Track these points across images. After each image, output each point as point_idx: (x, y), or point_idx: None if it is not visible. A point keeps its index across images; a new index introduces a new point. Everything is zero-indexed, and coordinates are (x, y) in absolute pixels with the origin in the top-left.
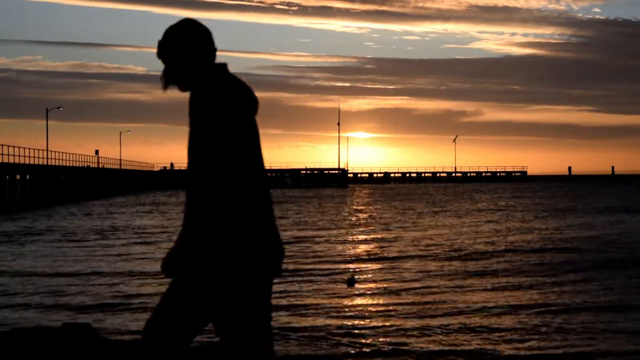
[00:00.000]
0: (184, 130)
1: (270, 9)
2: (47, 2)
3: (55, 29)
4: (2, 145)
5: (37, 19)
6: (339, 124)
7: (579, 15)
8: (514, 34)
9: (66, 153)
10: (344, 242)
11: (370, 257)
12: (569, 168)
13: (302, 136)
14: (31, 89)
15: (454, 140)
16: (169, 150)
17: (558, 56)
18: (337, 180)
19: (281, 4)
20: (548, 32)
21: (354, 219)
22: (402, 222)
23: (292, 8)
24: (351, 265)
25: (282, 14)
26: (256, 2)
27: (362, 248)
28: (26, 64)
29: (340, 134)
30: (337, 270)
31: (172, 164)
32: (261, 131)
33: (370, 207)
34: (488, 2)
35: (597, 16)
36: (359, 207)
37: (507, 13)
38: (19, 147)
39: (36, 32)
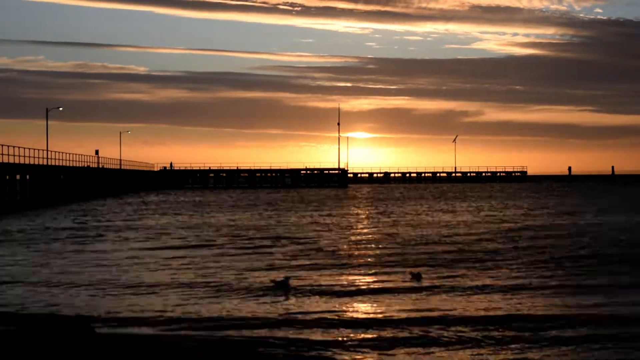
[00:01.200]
0: (184, 130)
1: (273, 9)
2: (49, 2)
3: (57, 29)
4: (2, 145)
5: (38, 19)
6: (339, 124)
7: (581, 15)
8: (515, 34)
9: (66, 153)
10: (356, 247)
11: (387, 263)
12: (569, 168)
13: (302, 136)
14: (33, 89)
15: (454, 140)
16: (169, 150)
17: (559, 56)
18: (337, 180)
19: (284, 4)
20: (549, 33)
21: (361, 220)
22: (411, 224)
23: (295, 8)
24: (370, 272)
25: (285, 14)
26: (259, 2)
27: (379, 252)
28: (28, 64)
29: (340, 134)
30: (352, 281)
31: (172, 164)
32: (262, 131)
33: (374, 209)
34: (490, 3)
35: (598, 16)
36: (363, 210)
37: (509, 13)
38: (19, 147)
39: (38, 33)
